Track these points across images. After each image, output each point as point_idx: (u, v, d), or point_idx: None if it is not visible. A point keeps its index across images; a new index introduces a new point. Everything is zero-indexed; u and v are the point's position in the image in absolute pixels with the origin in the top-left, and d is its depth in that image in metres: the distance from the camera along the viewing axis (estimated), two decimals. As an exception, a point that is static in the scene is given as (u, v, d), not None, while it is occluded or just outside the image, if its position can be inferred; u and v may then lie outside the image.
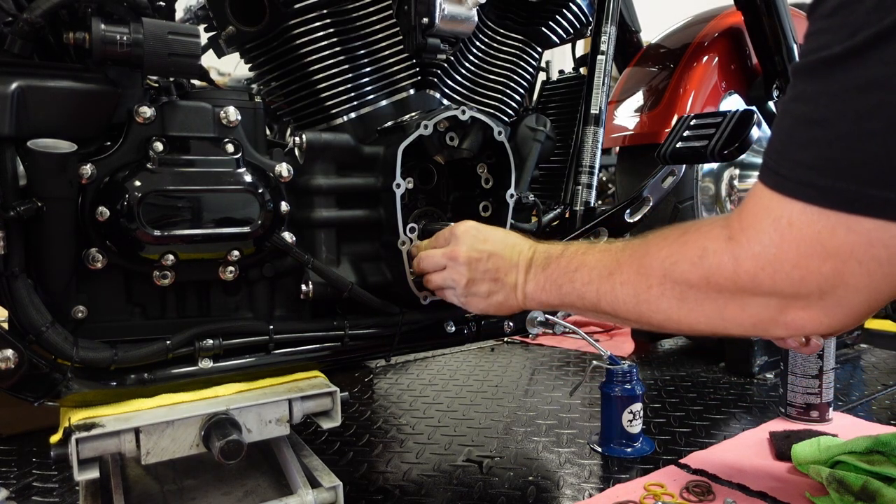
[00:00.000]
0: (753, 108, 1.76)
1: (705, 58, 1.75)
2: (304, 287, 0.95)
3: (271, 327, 0.93)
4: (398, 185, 0.96)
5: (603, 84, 1.30)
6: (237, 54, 1.08)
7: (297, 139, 0.96)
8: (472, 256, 0.89)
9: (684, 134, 1.22)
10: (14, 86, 0.74)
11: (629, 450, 1.16)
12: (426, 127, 0.97)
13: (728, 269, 0.61)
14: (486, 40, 1.21)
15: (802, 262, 0.56)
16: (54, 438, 0.76)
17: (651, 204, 1.29)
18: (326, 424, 0.90)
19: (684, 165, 1.31)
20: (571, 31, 1.30)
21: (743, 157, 1.43)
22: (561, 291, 0.82)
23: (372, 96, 1.06)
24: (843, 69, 0.52)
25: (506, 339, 2.00)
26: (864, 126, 0.51)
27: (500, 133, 1.05)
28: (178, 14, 0.99)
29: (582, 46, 1.75)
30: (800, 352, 1.24)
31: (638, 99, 1.82)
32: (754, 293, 0.61)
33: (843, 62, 0.52)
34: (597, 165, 1.29)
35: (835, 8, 0.53)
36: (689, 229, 0.68)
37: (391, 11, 1.05)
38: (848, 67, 0.52)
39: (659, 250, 0.69)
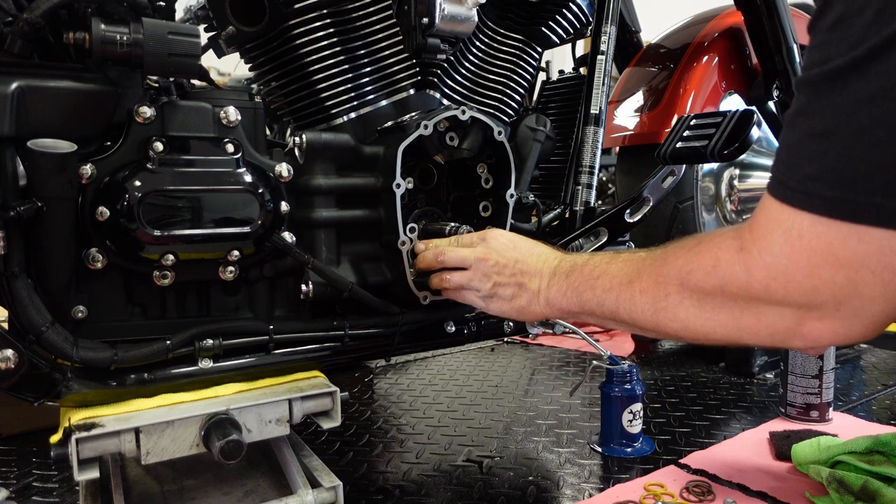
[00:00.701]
0: (753, 108, 1.76)
1: (705, 58, 1.75)
2: (304, 287, 0.95)
3: (271, 327, 0.93)
4: (398, 185, 0.96)
5: (603, 84, 1.30)
6: (237, 54, 1.08)
7: (297, 139, 0.96)
8: (500, 261, 0.92)
9: (684, 134, 1.22)
10: (14, 86, 0.74)
11: (629, 450, 1.15)
12: (426, 127, 0.97)
13: (741, 279, 0.62)
14: (486, 40, 1.21)
15: (815, 272, 0.56)
16: (54, 438, 0.76)
17: (651, 204, 1.29)
18: (326, 424, 0.90)
19: (684, 165, 1.31)
20: (571, 31, 1.30)
21: (743, 157, 1.43)
22: (581, 298, 0.83)
23: (372, 96, 1.06)
24: (845, 82, 0.53)
25: (506, 339, 2.00)
26: (869, 137, 0.52)
27: (500, 133, 1.05)
28: (178, 14, 0.99)
29: (582, 46, 1.75)
30: (807, 352, 1.24)
31: (638, 99, 1.82)
32: (768, 302, 0.61)
33: (845, 75, 0.53)
34: (597, 165, 1.29)
35: (835, 21, 0.54)
36: (704, 239, 0.69)
37: (391, 11, 1.05)
38: (850, 80, 0.52)
39: (676, 259, 0.70)
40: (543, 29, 1.25)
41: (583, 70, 1.50)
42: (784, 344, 0.64)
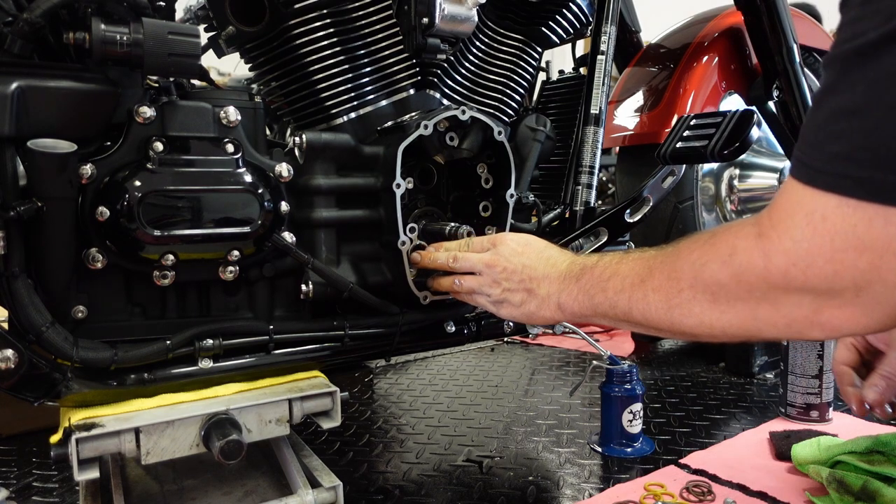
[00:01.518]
0: (753, 108, 1.76)
1: (705, 58, 1.75)
2: (304, 287, 0.95)
3: (271, 327, 0.93)
4: (398, 185, 0.96)
5: (603, 84, 1.30)
6: (237, 54, 1.08)
7: (297, 139, 0.96)
8: (508, 267, 0.91)
9: (684, 134, 1.22)
10: (14, 86, 0.74)
11: (629, 450, 1.16)
12: (426, 127, 0.97)
13: (759, 266, 0.60)
14: (486, 40, 1.21)
15: (837, 257, 0.54)
16: (54, 438, 0.76)
17: (651, 204, 1.29)
18: (326, 424, 0.90)
19: (684, 165, 1.31)
20: (571, 31, 1.30)
21: (743, 156, 1.43)
22: (593, 301, 0.81)
23: (372, 96, 1.06)
24: (878, 56, 0.50)
25: (506, 339, 2.00)
26: None
27: (500, 133, 1.05)
28: (178, 14, 0.99)
29: (582, 46, 1.75)
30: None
31: (638, 99, 1.82)
32: (787, 290, 0.58)
33: (878, 49, 0.50)
34: (597, 165, 1.29)
35: None
36: (719, 230, 0.67)
37: (391, 11, 1.05)
38: (882, 54, 0.50)
39: (689, 253, 0.68)
40: (543, 29, 1.25)
41: (583, 70, 1.50)
42: (802, 335, 0.61)
